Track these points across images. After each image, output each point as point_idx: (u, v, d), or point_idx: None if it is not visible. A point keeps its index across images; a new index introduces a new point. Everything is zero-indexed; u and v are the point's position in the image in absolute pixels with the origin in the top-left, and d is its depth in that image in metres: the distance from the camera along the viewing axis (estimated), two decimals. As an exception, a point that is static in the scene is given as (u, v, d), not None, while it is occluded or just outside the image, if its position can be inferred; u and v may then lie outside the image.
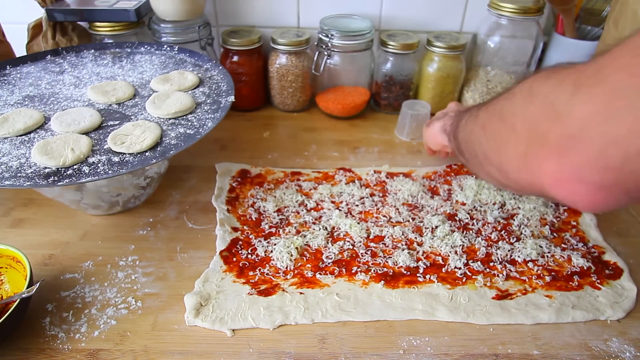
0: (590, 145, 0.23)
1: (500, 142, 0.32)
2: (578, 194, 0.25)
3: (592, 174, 0.24)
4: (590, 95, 0.24)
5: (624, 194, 0.24)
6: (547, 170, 0.27)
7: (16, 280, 0.50)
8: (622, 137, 0.22)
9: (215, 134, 0.80)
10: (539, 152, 0.27)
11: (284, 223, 0.61)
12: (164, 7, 0.78)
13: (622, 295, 0.51)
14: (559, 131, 0.25)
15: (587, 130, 0.23)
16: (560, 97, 0.26)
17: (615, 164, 0.23)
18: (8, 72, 0.68)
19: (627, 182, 0.23)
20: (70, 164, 0.49)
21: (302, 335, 0.47)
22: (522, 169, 0.30)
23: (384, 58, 0.86)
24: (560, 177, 0.26)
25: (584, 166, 0.24)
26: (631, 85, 0.21)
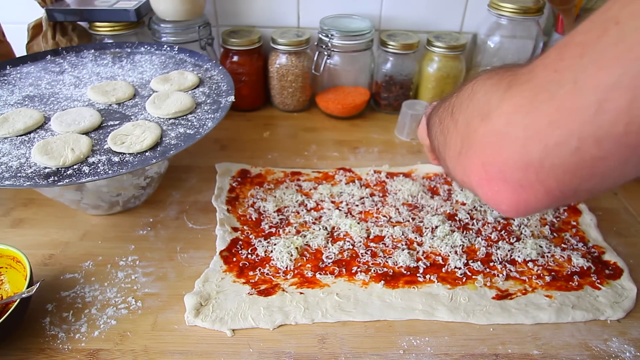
0: (513, 141, 0.23)
1: (447, 137, 0.32)
2: (501, 194, 0.25)
3: (514, 172, 0.24)
4: (518, 92, 0.24)
5: (546, 193, 0.23)
6: (474, 168, 0.26)
7: (16, 280, 0.50)
8: (542, 129, 0.22)
9: (215, 134, 0.80)
10: (469, 150, 0.27)
11: (284, 223, 0.61)
12: (164, 7, 0.78)
13: (622, 295, 0.51)
14: (486, 128, 0.25)
15: (511, 125, 0.23)
16: (494, 96, 0.26)
17: (536, 158, 0.22)
18: (8, 72, 0.68)
19: (547, 179, 0.23)
20: (70, 164, 0.49)
21: (302, 335, 0.47)
22: (457, 165, 0.29)
23: (384, 58, 0.86)
24: (485, 176, 0.26)
25: (507, 164, 0.24)
26: (554, 80, 0.22)
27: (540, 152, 0.22)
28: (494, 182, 0.25)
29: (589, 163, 0.21)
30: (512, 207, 0.25)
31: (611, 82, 0.19)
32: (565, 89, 0.21)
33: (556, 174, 0.22)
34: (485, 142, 0.25)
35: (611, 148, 0.20)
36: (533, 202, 0.24)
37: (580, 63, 0.20)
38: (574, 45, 0.21)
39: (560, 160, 0.22)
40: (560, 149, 0.21)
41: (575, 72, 0.21)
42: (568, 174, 0.22)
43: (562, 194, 0.23)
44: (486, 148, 0.25)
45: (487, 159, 0.25)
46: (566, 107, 0.21)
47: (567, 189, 0.23)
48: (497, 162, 0.24)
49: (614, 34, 0.19)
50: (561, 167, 0.22)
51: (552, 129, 0.21)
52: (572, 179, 0.22)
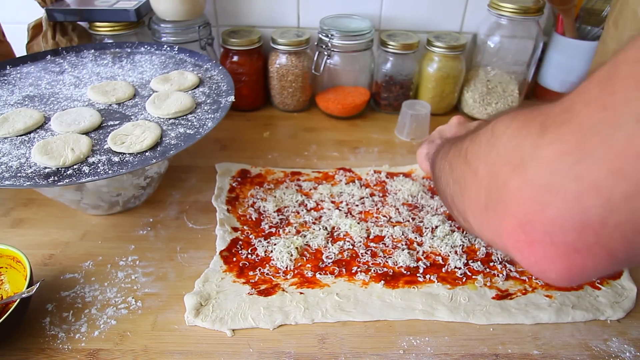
0: (561, 195, 0.19)
1: (464, 187, 0.28)
2: (549, 260, 0.21)
3: (566, 233, 0.19)
4: (559, 135, 0.20)
5: (608, 257, 0.19)
6: (509, 229, 0.22)
7: (16, 280, 0.50)
8: (601, 180, 0.18)
9: (215, 134, 0.80)
10: (499, 206, 0.23)
11: (284, 223, 0.61)
12: (164, 7, 0.78)
13: (622, 295, 0.51)
14: (521, 180, 0.21)
15: (557, 176, 0.19)
16: (525, 141, 0.22)
17: (596, 216, 0.18)
18: (8, 72, 0.68)
19: (611, 240, 0.19)
20: (70, 164, 0.49)
21: (302, 335, 0.47)
22: (484, 222, 0.25)
23: (384, 58, 0.86)
24: (525, 238, 0.21)
25: (555, 224, 0.20)
26: (603, 119, 0.18)
27: (601, 207, 0.18)
28: (537, 246, 0.21)
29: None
30: (563, 274, 0.21)
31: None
32: (624, 130, 0.17)
33: (624, 234, 0.18)
34: (521, 198, 0.21)
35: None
36: (591, 268, 0.20)
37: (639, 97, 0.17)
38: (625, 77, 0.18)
39: (630, 218, 0.18)
40: (629, 204, 0.17)
41: (636, 107, 0.17)
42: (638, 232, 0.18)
43: (628, 257, 0.19)
44: (524, 205, 0.21)
45: (527, 217, 0.21)
46: (632, 152, 0.17)
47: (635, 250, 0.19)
48: (542, 222, 0.20)
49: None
50: (630, 225, 0.18)
51: (616, 179, 0.17)
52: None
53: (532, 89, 0.97)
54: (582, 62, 0.85)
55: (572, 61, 0.86)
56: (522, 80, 0.85)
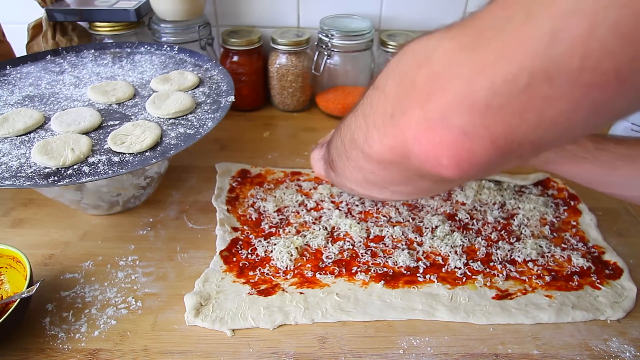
0: (457, 80, 0.21)
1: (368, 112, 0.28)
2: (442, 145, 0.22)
3: (459, 115, 0.21)
4: (460, 30, 0.22)
5: (491, 142, 0.21)
6: (412, 119, 0.23)
7: (16, 280, 0.50)
8: (489, 64, 0.19)
9: (215, 134, 0.80)
10: (406, 102, 0.24)
11: (284, 223, 0.61)
12: (164, 7, 0.78)
13: (622, 295, 0.51)
14: (426, 72, 0.22)
15: (455, 65, 0.21)
16: (430, 42, 0.23)
17: (482, 98, 0.20)
18: (8, 72, 0.68)
19: (493, 123, 0.20)
20: (70, 164, 0.49)
21: (302, 335, 0.47)
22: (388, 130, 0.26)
23: (384, 58, 0.86)
24: (425, 126, 0.22)
25: (451, 106, 0.21)
26: (502, 17, 0.19)
27: (487, 90, 0.20)
28: (434, 131, 0.22)
29: (538, 104, 0.19)
30: (454, 160, 0.22)
31: (569, 7, 0.17)
32: (516, 21, 0.19)
33: (503, 117, 0.20)
34: (426, 89, 0.22)
35: (563, 86, 0.18)
36: (478, 154, 0.21)
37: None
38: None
39: (508, 100, 0.19)
40: (508, 86, 0.19)
41: (528, 4, 0.18)
42: (515, 117, 0.20)
43: (507, 144, 0.21)
44: (428, 94, 0.22)
45: (429, 105, 0.22)
46: (516, 39, 0.18)
47: (513, 137, 0.20)
48: (440, 106, 0.21)
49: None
50: (509, 108, 0.20)
51: (501, 63, 0.19)
52: (519, 124, 0.20)
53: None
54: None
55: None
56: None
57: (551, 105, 0.19)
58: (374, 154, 0.28)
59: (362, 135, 0.29)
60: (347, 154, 0.33)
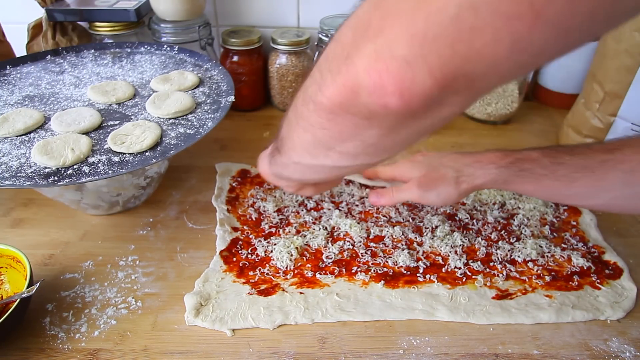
0: (402, 14, 0.22)
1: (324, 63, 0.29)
2: (387, 74, 0.23)
3: (401, 46, 0.22)
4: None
5: (429, 72, 0.22)
6: (365, 54, 0.24)
7: (16, 280, 0.50)
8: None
9: (215, 134, 0.80)
10: (361, 41, 0.25)
11: (284, 223, 0.61)
12: (164, 7, 0.78)
13: (622, 295, 0.51)
14: (380, 12, 0.24)
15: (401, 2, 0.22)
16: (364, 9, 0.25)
17: (420, 28, 0.21)
18: (8, 72, 0.69)
19: (430, 53, 0.21)
20: (70, 164, 0.49)
21: (302, 335, 0.47)
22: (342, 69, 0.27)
23: (384, 58, 0.86)
24: (375, 56, 0.24)
25: (396, 38, 0.23)
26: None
27: (424, 21, 0.21)
28: (382, 61, 0.23)
29: (466, 35, 0.20)
30: (397, 87, 0.23)
31: None
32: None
33: (437, 48, 0.21)
34: (378, 27, 0.24)
35: (486, 16, 0.19)
36: (418, 83, 0.23)
37: None
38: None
39: (440, 30, 0.21)
40: (440, 16, 0.20)
41: None
42: (447, 47, 0.21)
43: (442, 76, 0.22)
44: (380, 30, 0.24)
45: (379, 39, 0.24)
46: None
47: (447, 70, 0.22)
48: (388, 39, 0.23)
49: None
50: (441, 39, 0.21)
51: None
52: (452, 56, 0.21)
53: (532, 89, 0.97)
54: (582, 62, 0.85)
55: (572, 61, 0.86)
56: (522, 80, 0.85)
57: (477, 36, 0.20)
58: (325, 100, 0.29)
59: (315, 86, 0.30)
60: (299, 115, 0.34)
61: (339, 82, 0.27)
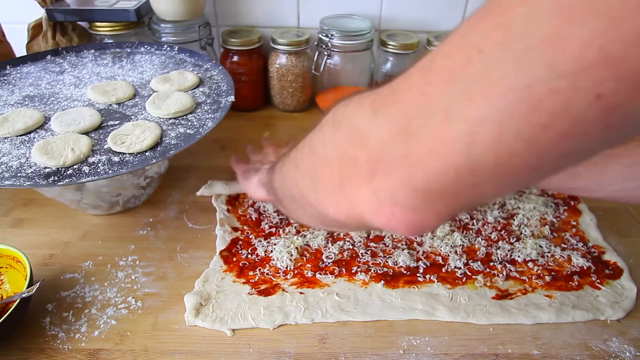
0: (397, 167, 0.23)
1: (314, 177, 0.31)
2: (396, 219, 0.25)
3: (405, 196, 0.24)
4: (388, 116, 0.23)
5: (436, 215, 0.24)
6: (364, 197, 0.26)
7: (16, 280, 0.50)
8: (421, 158, 0.22)
9: (215, 134, 0.80)
10: (354, 178, 0.26)
11: (284, 223, 0.61)
12: (164, 7, 0.78)
13: (622, 295, 0.51)
14: (366, 155, 0.25)
15: (390, 153, 0.23)
16: (362, 120, 0.25)
17: (421, 185, 0.23)
18: (8, 72, 0.68)
19: (435, 203, 0.23)
20: (70, 164, 0.49)
21: (302, 335, 0.47)
22: (341, 201, 0.28)
23: (384, 58, 0.86)
24: (378, 203, 0.25)
25: (397, 190, 0.24)
26: (424, 105, 0.21)
27: (423, 179, 0.22)
28: (387, 208, 0.25)
29: (469, 189, 0.22)
30: (408, 229, 0.25)
31: (478, 115, 0.19)
32: (437, 117, 0.21)
33: (442, 199, 0.23)
34: (370, 170, 0.25)
35: (486, 176, 0.21)
36: (427, 223, 0.25)
37: (449, 91, 0.20)
38: (439, 70, 0.21)
39: (443, 187, 0.22)
40: (440, 178, 0.22)
41: (445, 100, 0.20)
42: (452, 198, 0.23)
43: (449, 214, 0.24)
44: (373, 175, 0.25)
45: (376, 186, 0.25)
46: (441, 138, 0.21)
47: (454, 209, 0.24)
48: (387, 189, 0.24)
49: (478, 63, 0.19)
50: (445, 193, 0.22)
51: (431, 159, 0.21)
52: (457, 202, 0.23)
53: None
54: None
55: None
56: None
57: (479, 188, 0.22)
58: (330, 215, 0.30)
59: (314, 197, 0.31)
60: (300, 205, 0.35)
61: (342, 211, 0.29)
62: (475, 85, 0.19)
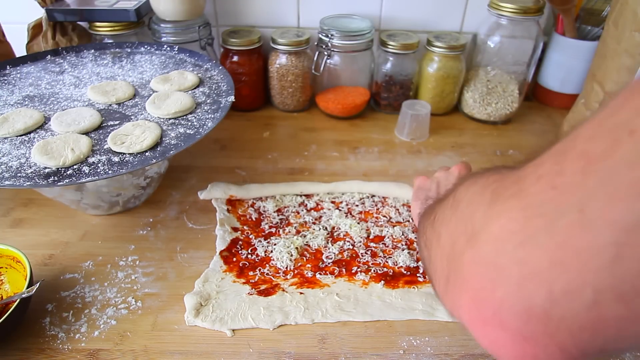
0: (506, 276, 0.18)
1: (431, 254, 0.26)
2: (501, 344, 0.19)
3: (513, 318, 0.18)
4: (507, 209, 0.19)
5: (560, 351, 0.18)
6: (463, 304, 0.21)
7: (16, 280, 0.50)
8: (543, 270, 0.17)
9: (215, 134, 0.80)
10: (457, 278, 0.21)
11: (284, 223, 0.61)
12: (164, 7, 0.78)
13: (622, 295, 0.51)
14: (473, 254, 0.20)
15: (502, 256, 0.18)
16: (478, 209, 0.21)
17: (539, 305, 0.17)
18: (8, 72, 0.68)
19: (558, 333, 0.17)
20: (70, 164, 0.49)
21: (302, 335, 0.47)
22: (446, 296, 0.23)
23: (384, 58, 0.86)
24: (478, 316, 0.20)
25: (503, 306, 0.18)
26: (550, 200, 0.17)
27: (543, 298, 0.17)
28: (489, 327, 0.19)
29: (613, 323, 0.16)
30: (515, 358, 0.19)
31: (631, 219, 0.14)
32: (568, 217, 0.16)
33: (570, 330, 0.17)
34: (473, 273, 0.20)
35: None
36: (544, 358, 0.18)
37: (586, 184, 0.16)
38: (576, 156, 0.16)
39: (573, 313, 0.16)
40: (570, 300, 0.16)
41: (581, 195, 0.16)
42: (587, 331, 0.16)
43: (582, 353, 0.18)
44: (475, 281, 0.20)
45: (479, 295, 0.19)
46: (572, 245, 0.16)
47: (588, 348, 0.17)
48: (491, 302, 0.19)
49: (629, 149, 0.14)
50: (576, 323, 0.16)
51: (557, 271, 0.16)
52: (594, 338, 0.17)
53: (532, 89, 0.97)
54: (582, 62, 0.85)
55: (572, 61, 0.86)
56: (522, 80, 0.85)
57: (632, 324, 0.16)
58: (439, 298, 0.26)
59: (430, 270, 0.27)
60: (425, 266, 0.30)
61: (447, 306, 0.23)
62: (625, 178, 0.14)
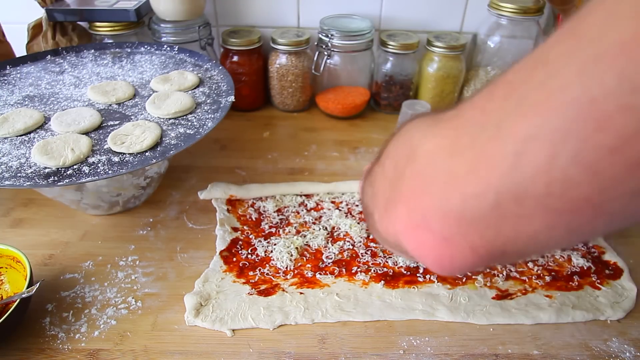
0: (434, 184, 0.21)
1: (375, 186, 0.29)
2: (425, 246, 0.22)
3: (436, 220, 0.21)
4: (442, 129, 0.22)
5: (471, 250, 0.20)
6: (399, 215, 0.23)
7: (16, 280, 0.50)
8: (461, 176, 0.19)
9: (215, 134, 0.80)
10: (396, 195, 0.24)
11: (284, 223, 0.61)
12: (164, 7, 0.78)
13: (622, 295, 0.51)
14: (411, 169, 0.23)
15: (432, 168, 0.21)
16: (417, 132, 0.23)
17: (455, 207, 0.20)
18: (8, 72, 0.68)
19: (469, 232, 0.20)
20: (70, 164, 0.49)
21: (302, 335, 0.47)
22: (383, 217, 0.26)
23: (384, 58, 0.86)
24: (410, 223, 0.23)
25: (429, 210, 0.21)
26: (479, 122, 0.19)
27: (458, 201, 0.19)
28: (418, 230, 0.22)
29: (511, 221, 0.18)
30: (436, 261, 0.22)
31: (529, 132, 0.16)
32: (487, 133, 0.18)
33: (478, 229, 0.19)
34: (410, 185, 0.23)
35: (533, 209, 0.17)
36: (458, 259, 0.21)
37: (505, 105, 0.18)
38: (504, 84, 0.19)
39: (480, 214, 0.19)
40: (478, 201, 0.19)
41: (500, 115, 0.18)
42: (490, 229, 0.19)
43: (488, 253, 0.20)
44: (411, 192, 0.22)
45: (411, 204, 0.22)
46: (485, 155, 0.18)
47: (492, 247, 0.20)
48: (420, 208, 0.22)
49: (540, 76, 0.17)
50: (482, 222, 0.19)
51: (470, 177, 0.19)
52: (496, 237, 0.19)
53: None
54: (582, 62, 0.84)
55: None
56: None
57: (525, 223, 0.18)
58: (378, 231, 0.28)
59: (371, 207, 0.30)
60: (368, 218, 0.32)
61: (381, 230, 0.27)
62: (531, 98, 0.17)
